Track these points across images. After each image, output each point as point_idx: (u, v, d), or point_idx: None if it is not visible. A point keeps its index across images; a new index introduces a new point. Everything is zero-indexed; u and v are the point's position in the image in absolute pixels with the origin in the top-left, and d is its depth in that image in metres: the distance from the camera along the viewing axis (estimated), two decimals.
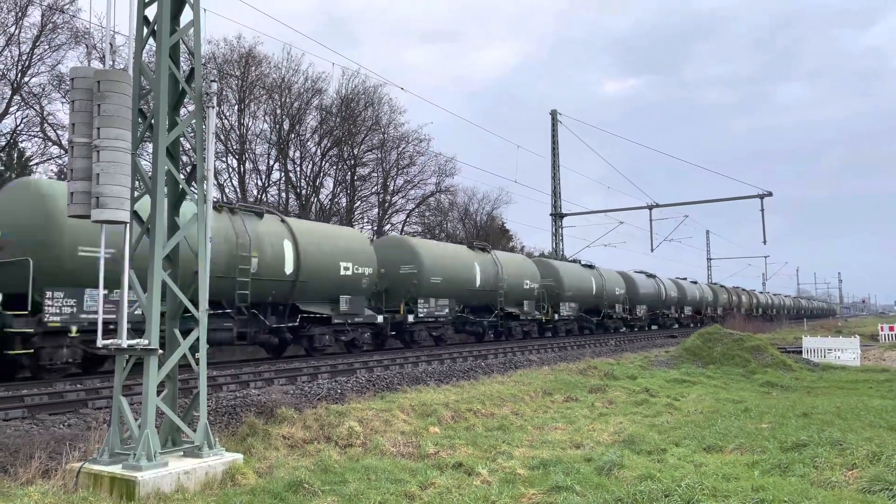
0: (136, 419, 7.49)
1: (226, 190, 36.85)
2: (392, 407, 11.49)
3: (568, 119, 53.03)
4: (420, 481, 7.55)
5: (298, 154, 40.19)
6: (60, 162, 30.08)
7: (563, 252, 46.42)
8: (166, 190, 8.00)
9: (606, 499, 6.83)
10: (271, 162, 39.10)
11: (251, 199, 36.93)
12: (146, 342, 7.39)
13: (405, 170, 44.81)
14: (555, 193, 46.58)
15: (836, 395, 15.28)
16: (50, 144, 30.51)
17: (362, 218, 43.35)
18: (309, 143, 40.46)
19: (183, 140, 8.59)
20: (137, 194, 7.84)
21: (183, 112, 8.41)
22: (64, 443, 8.29)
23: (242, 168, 37.67)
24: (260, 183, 38.88)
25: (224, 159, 36.58)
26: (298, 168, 40.32)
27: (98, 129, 7.18)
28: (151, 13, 8.00)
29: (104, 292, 7.82)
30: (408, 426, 10.63)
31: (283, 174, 39.49)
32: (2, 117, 28.35)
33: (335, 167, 41.90)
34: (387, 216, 44.76)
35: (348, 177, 42.28)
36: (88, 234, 13.28)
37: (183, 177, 8.22)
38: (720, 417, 11.99)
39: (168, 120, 7.83)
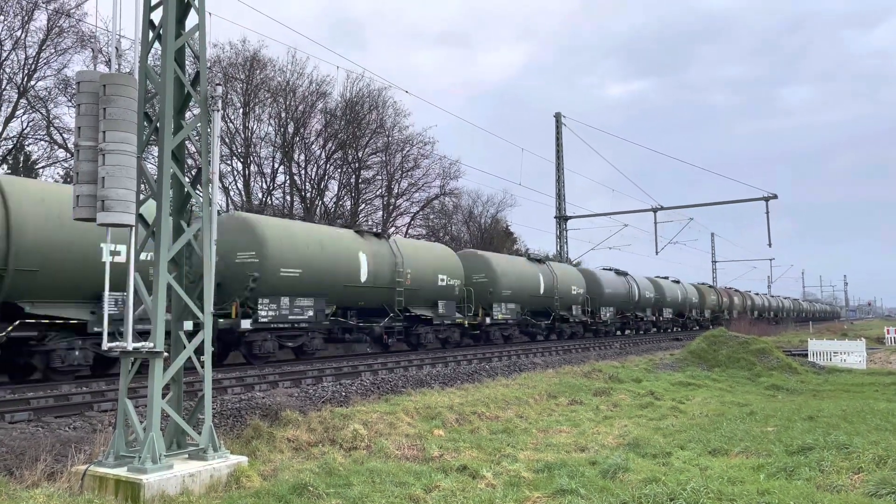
0: (142, 422, 7.51)
1: (231, 193, 36.97)
2: (396, 410, 11.49)
3: (573, 122, 53.01)
4: (424, 484, 7.55)
5: (303, 157, 40.29)
6: (66, 165, 30.22)
7: (568, 255, 46.38)
8: (171, 193, 8.03)
9: (611, 502, 6.82)
10: (276, 165, 39.20)
11: (256, 203, 37.02)
12: (151, 345, 7.41)
13: (409, 173, 44.87)
14: (559, 196, 46.56)
15: (842, 399, 15.23)
16: (56, 148, 30.66)
17: (366, 221, 43.39)
18: (313, 146, 40.56)
19: (188, 143, 8.63)
20: (143, 197, 7.87)
21: (188, 115, 8.44)
22: (69, 445, 8.32)
23: (247, 171, 37.77)
24: (265, 186, 38.99)
25: (229, 162, 36.70)
26: (303, 171, 40.42)
27: (104, 133, 7.21)
28: (157, 17, 8.04)
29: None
30: (412, 429, 10.63)
31: (288, 177, 39.59)
32: (8, 121, 28.49)
33: (340, 170, 41.98)
34: (391, 219, 44.82)
35: (353, 180, 42.35)
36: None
37: (188, 180, 8.24)
38: (725, 421, 11.95)
39: (173, 123, 7.86)
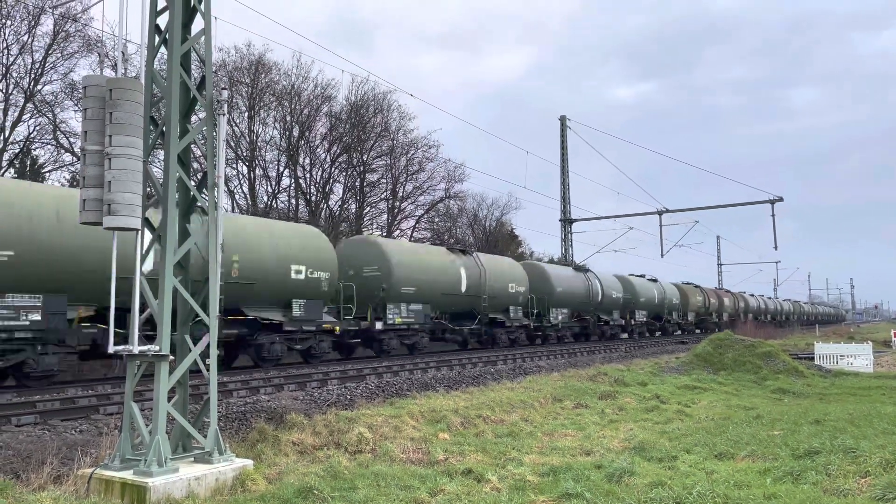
0: (147, 425, 7.52)
1: (236, 196, 37.05)
2: (401, 413, 11.49)
3: (578, 124, 53.01)
4: (430, 488, 7.54)
5: (308, 160, 40.37)
6: (73, 169, 30.35)
7: (573, 258, 46.33)
8: (177, 197, 8.06)
9: None
10: (281, 168, 39.29)
11: (261, 206, 37.09)
12: (157, 348, 7.43)
13: (414, 176, 44.93)
14: (564, 199, 46.52)
15: (849, 402, 15.17)
16: (62, 152, 30.79)
17: (371, 224, 43.47)
18: (318, 150, 40.65)
19: (194, 147, 8.66)
20: (149, 201, 7.90)
21: (194, 119, 8.47)
22: (76, 448, 8.34)
23: (252, 175, 37.86)
24: (270, 189, 39.07)
25: (234, 166, 36.78)
26: (308, 174, 40.51)
27: (110, 137, 7.25)
28: (163, 22, 8.08)
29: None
30: (417, 432, 10.63)
31: (293, 180, 39.67)
32: (15, 125, 28.64)
33: (345, 173, 42.06)
34: (396, 222, 44.85)
35: (358, 183, 42.42)
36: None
37: (194, 184, 8.27)
38: (732, 424, 11.91)
39: (179, 127, 7.89)
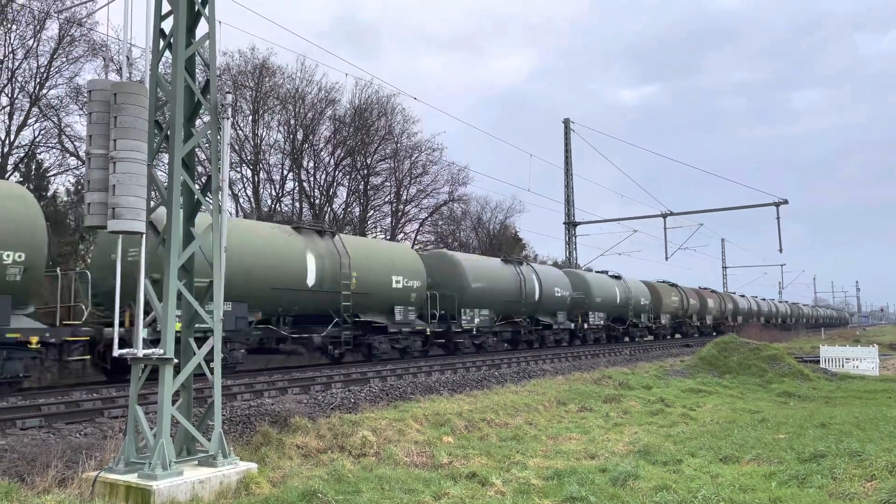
0: (152, 428, 7.53)
1: (240, 200, 37.14)
2: (405, 416, 11.48)
3: (582, 127, 53.01)
4: (434, 491, 7.53)
5: (312, 164, 40.46)
6: (78, 173, 30.44)
7: (577, 261, 46.27)
8: (182, 200, 8.08)
9: None
10: (285, 172, 39.37)
11: (265, 209, 37.15)
12: (161, 351, 7.44)
13: (418, 179, 44.98)
14: (568, 202, 46.52)
15: (855, 405, 15.10)
16: (67, 156, 30.89)
17: (375, 227, 43.52)
18: (322, 153, 40.73)
19: (198, 151, 8.69)
20: (153, 205, 7.92)
21: (198, 123, 8.50)
22: (80, 452, 8.35)
23: (257, 178, 37.95)
24: (274, 193, 39.16)
25: (238, 169, 36.88)
26: (312, 178, 40.59)
27: (115, 141, 7.27)
28: (167, 26, 8.10)
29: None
30: (421, 436, 10.61)
31: (297, 184, 39.75)
32: (21, 129, 28.75)
33: (348, 177, 42.12)
34: (400, 225, 44.89)
35: (361, 186, 42.47)
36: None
37: (198, 187, 8.29)
38: (737, 428, 11.88)
39: (184, 131, 7.91)
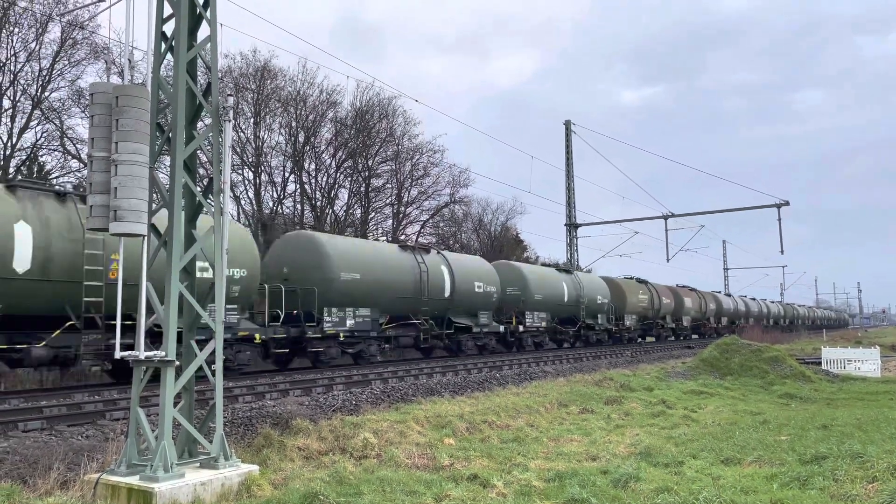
0: (154, 430, 7.54)
1: (242, 202, 37.16)
2: (407, 418, 11.48)
3: (583, 129, 53.05)
4: (435, 493, 7.53)
5: (313, 166, 40.47)
6: (80, 175, 30.47)
7: (579, 262, 46.26)
8: (183, 203, 8.09)
9: None
10: (287, 174, 39.37)
11: (266, 212, 37.17)
12: (163, 354, 7.45)
13: (419, 181, 44.99)
14: (569, 204, 46.48)
15: (856, 407, 15.09)
16: (69, 158, 30.91)
17: (377, 229, 43.52)
18: (324, 155, 40.74)
19: (200, 153, 8.70)
20: (155, 207, 7.94)
21: (200, 126, 8.51)
22: (82, 454, 8.36)
23: (258, 180, 37.96)
24: (275, 195, 39.17)
25: (240, 172, 36.89)
26: (313, 180, 40.59)
27: (116, 144, 7.29)
28: (169, 29, 8.13)
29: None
30: (423, 438, 10.62)
31: (299, 186, 39.76)
32: (23, 131, 28.78)
33: (350, 179, 42.13)
34: (401, 227, 44.89)
35: (363, 188, 42.49)
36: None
37: (200, 189, 8.30)
38: (738, 429, 11.87)
39: (185, 134, 7.93)
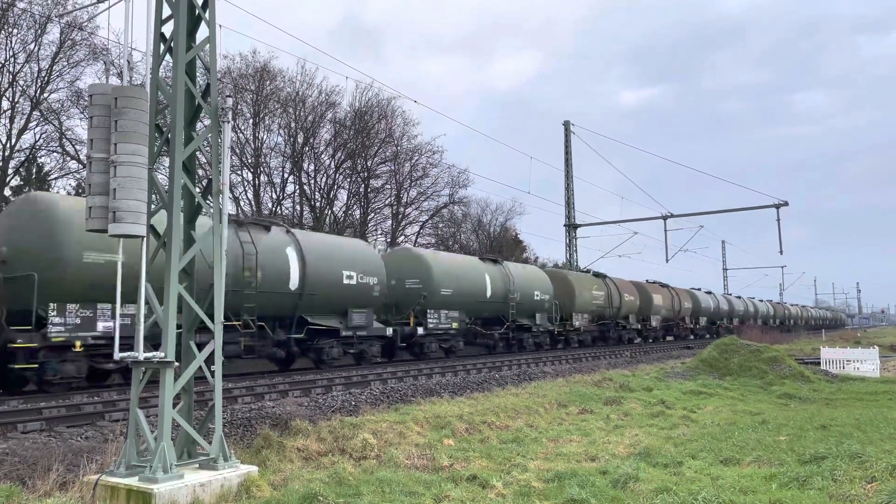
0: (153, 431, 7.54)
1: (241, 203, 37.16)
2: (406, 419, 11.48)
3: (583, 130, 53.05)
4: (434, 494, 7.53)
5: (312, 167, 40.51)
6: (79, 177, 30.48)
7: (578, 262, 46.27)
8: (182, 204, 8.09)
9: None
10: (286, 175, 39.42)
11: (266, 212, 37.18)
12: (162, 355, 7.45)
13: (418, 181, 45.03)
14: (568, 204, 46.52)
15: (855, 407, 15.10)
16: (68, 159, 30.96)
17: (376, 230, 43.55)
18: (323, 156, 40.80)
19: (199, 154, 8.70)
20: (154, 208, 7.94)
21: (199, 127, 8.51)
22: (81, 455, 8.36)
23: (257, 181, 37.99)
24: (274, 196, 39.21)
25: (239, 172, 36.94)
26: (312, 181, 40.62)
27: (115, 145, 7.28)
28: (168, 30, 8.13)
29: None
30: (422, 438, 10.62)
31: (298, 187, 39.79)
32: (22, 132, 28.81)
33: (349, 179, 42.16)
34: (400, 228, 44.91)
35: (362, 189, 42.51)
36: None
37: (199, 191, 8.30)
38: (737, 430, 11.87)
39: (184, 135, 7.93)
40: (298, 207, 39.96)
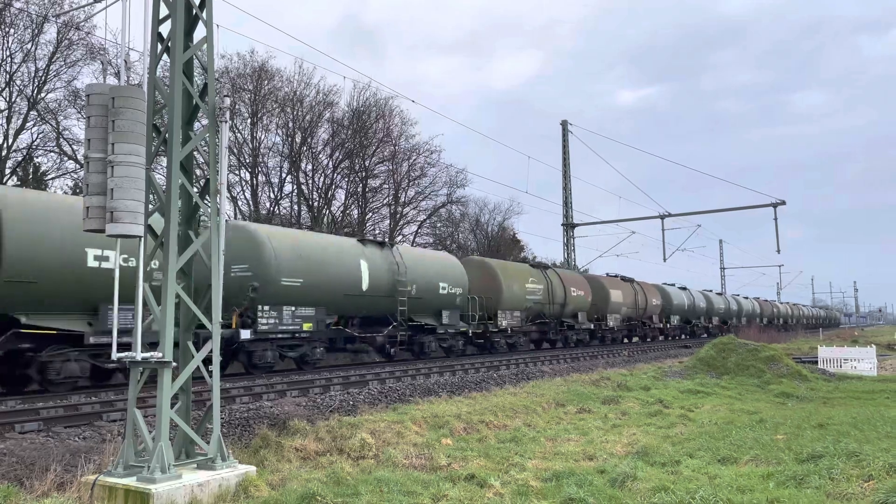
0: (151, 432, 7.54)
1: (239, 203, 37.12)
2: (404, 419, 11.49)
3: (582, 130, 53.08)
4: (432, 493, 7.54)
5: (310, 166, 40.46)
6: (76, 177, 30.45)
7: (576, 262, 46.31)
8: (180, 204, 8.09)
9: None
10: (283, 174, 39.37)
11: (264, 212, 37.15)
12: (160, 355, 7.45)
13: (416, 181, 45.00)
14: (566, 204, 46.54)
15: (853, 406, 15.13)
16: (66, 159, 30.89)
17: (374, 230, 43.50)
18: (321, 156, 40.74)
19: (196, 154, 8.69)
20: (151, 208, 7.93)
21: (196, 126, 8.51)
22: (79, 455, 8.36)
23: (255, 181, 37.95)
24: (272, 196, 39.16)
25: (237, 172, 36.89)
26: (310, 180, 40.58)
27: (113, 145, 7.28)
28: (165, 30, 8.12)
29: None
30: (420, 438, 10.62)
31: (296, 186, 39.75)
32: (18, 132, 28.75)
33: (347, 179, 42.13)
34: (398, 228, 44.88)
35: (360, 188, 42.48)
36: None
37: (196, 190, 8.30)
38: (735, 429, 11.89)
39: (182, 134, 7.92)
40: (296, 207, 39.95)
